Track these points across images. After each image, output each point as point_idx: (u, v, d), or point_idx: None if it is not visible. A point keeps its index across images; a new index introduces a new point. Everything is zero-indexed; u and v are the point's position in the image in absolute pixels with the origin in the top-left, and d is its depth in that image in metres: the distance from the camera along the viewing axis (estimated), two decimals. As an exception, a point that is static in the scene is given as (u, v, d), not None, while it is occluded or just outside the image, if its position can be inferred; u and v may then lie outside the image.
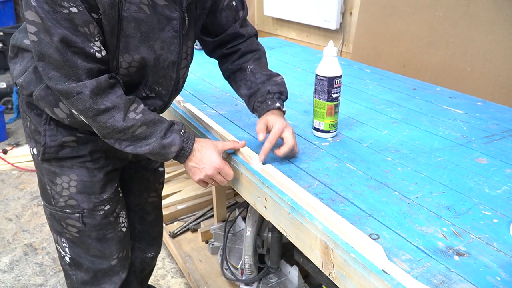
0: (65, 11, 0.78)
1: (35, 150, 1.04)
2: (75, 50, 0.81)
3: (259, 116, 1.07)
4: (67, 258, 1.12)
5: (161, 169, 1.32)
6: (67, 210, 1.05)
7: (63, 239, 1.09)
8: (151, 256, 1.37)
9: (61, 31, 0.79)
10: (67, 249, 1.10)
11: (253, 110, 1.10)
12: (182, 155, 0.95)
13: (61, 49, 0.80)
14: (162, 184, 1.35)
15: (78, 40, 0.81)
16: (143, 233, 1.33)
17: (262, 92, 1.06)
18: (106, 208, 1.08)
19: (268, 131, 1.02)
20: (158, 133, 0.91)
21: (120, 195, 1.14)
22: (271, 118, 1.02)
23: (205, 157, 0.95)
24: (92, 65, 0.84)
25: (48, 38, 0.79)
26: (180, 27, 0.93)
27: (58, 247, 1.13)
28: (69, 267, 1.14)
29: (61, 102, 0.94)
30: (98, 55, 0.84)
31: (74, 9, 0.79)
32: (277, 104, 1.05)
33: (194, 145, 0.95)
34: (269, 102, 1.05)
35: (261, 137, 1.01)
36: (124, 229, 1.15)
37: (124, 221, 1.15)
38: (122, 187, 1.17)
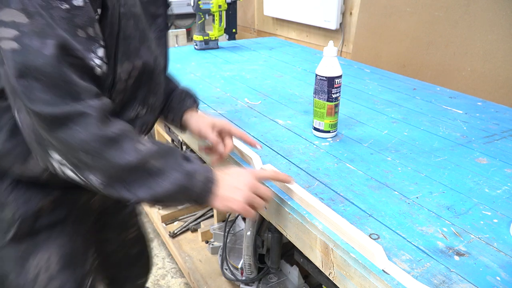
0: (64, 6, 0.59)
1: None
2: (74, 61, 0.61)
3: (177, 116, 0.96)
4: None
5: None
6: None
7: None
8: (142, 281, 1.24)
9: (60, 33, 0.59)
10: None
11: (167, 112, 0.97)
12: (209, 183, 0.73)
13: (57, 58, 0.59)
14: (139, 214, 1.15)
15: (78, 48, 0.61)
16: (130, 265, 1.18)
17: (177, 94, 0.98)
18: (90, 282, 0.87)
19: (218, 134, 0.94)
20: (175, 162, 0.70)
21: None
22: (215, 120, 0.94)
23: (235, 178, 0.76)
24: (91, 84, 0.64)
25: (38, 43, 0.58)
26: (164, 26, 0.84)
27: None
28: None
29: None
30: (97, 70, 0.66)
31: (78, 2, 0.60)
32: (196, 102, 0.99)
33: (216, 172, 0.76)
34: (188, 102, 0.97)
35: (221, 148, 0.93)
36: None
37: None
38: (98, 237, 0.99)
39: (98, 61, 0.65)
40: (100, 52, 0.65)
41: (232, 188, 0.74)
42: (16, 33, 0.57)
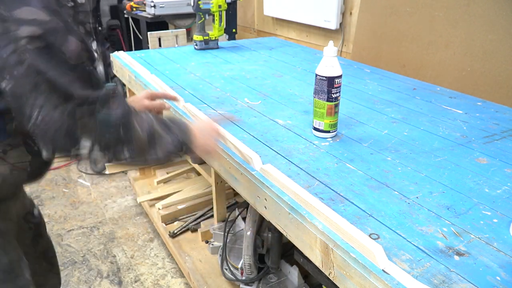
0: (70, 3, 0.64)
1: None
2: (89, 55, 0.68)
3: None
4: None
5: (35, 211, 1.08)
6: None
7: None
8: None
9: (77, 30, 0.64)
10: None
11: None
12: (192, 135, 0.86)
13: (79, 53, 0.65)
14: (44, 226, 1.12)
15: (88, 43, 0.68)
16: (48, 271, 1.14)
17: None
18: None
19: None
20: (166, 124, 0.82)
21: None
22: (144, 94, 1.10)
23: (202, 125, 0.94)
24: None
25: (62, 40, 0.63)
26: None
27: None
28: None
29: None
30: (96, 62, 0.74)
31: None
32: None
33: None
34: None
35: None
36: None
37: None
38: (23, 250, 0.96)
39: (96, 54, 0.70)
40: (94, 45, 0.71)
41: (205, 135, 0.89)
42: (40, 31, 0.59)
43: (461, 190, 0.89)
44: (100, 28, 1.18)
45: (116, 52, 2.02)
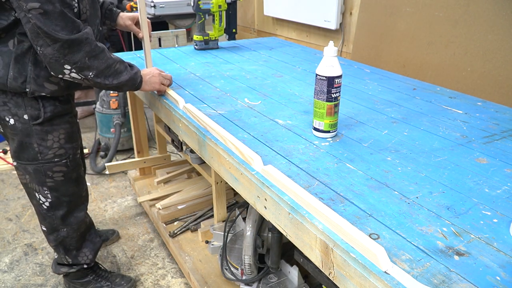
0: None
1: (25, 116, 1.31)
2: (68, 5, 1.16)
3: (113, 21, 1.64)
4: (46, 203, 1.44)
5: (77, 121, 1.64)
6: (56, 160, 1.39)
7: (44, 188, 1.41)
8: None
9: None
10: (48, 195, 1.43)
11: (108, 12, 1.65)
12: (141, 77, 1.37)
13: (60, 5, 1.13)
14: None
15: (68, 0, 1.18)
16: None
17: (105, 7, 1.63)
18: (78, 151, 1.48)
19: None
20: (126, 67, 1.32)
21: None
22: (130, 15, 1.65)
23: (148, 70, 1.43)
24: (77, 18, 1.21)
25: (52, 6, 1.11)
26: None
27: (39, 195, 1.43)
28: (47, 211, 1.46)
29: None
30: (75, 9, 1.22)
31: None
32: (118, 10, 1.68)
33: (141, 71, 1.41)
34: (114, 10, 1.65)
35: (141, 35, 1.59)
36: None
37: None
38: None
39: (76, 4, 1.21)
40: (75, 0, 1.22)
41: (149, 74, 1.41)
42: (38, 4, 1.10)
43: (461, 190, 0.89)
44: (100, 28, 1.55)
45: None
